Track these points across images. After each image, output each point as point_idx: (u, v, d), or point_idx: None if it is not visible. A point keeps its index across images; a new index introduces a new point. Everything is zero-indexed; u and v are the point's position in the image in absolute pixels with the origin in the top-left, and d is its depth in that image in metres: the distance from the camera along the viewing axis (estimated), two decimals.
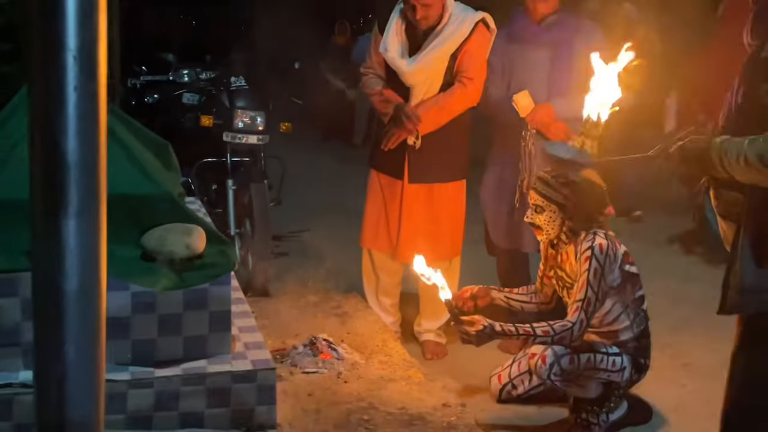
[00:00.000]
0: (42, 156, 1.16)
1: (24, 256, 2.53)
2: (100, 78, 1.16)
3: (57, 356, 1.19)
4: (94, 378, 1.23)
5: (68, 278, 1.17)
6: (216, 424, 2.63)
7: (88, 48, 1.14)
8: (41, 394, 1.22)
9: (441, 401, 2.99)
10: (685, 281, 4.92)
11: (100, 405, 1.24)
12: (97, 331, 1.22)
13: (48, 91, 1.13)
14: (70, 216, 1.16)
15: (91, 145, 1.17)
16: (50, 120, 1.14)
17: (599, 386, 3.09)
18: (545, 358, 2.99)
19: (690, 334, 4.16)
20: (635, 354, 3.11)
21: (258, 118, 4.76)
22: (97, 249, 1.20)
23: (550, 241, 3.22)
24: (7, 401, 2.44)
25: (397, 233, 3.85)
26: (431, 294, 3.96)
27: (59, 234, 1.16)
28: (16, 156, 2.66)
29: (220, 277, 2.69)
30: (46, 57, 1.12)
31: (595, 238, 3.00)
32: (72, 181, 1.16)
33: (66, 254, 1.17)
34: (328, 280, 4.39)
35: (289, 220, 5.83)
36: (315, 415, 2.83)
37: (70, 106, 1.14)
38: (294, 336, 3.51)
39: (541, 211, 3.11)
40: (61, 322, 1.18)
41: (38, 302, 1.20)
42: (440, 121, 3.71)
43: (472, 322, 2.90)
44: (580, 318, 2.92)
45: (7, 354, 2.51)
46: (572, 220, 3.08)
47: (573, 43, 3.73)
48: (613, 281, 3.02)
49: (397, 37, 3.72)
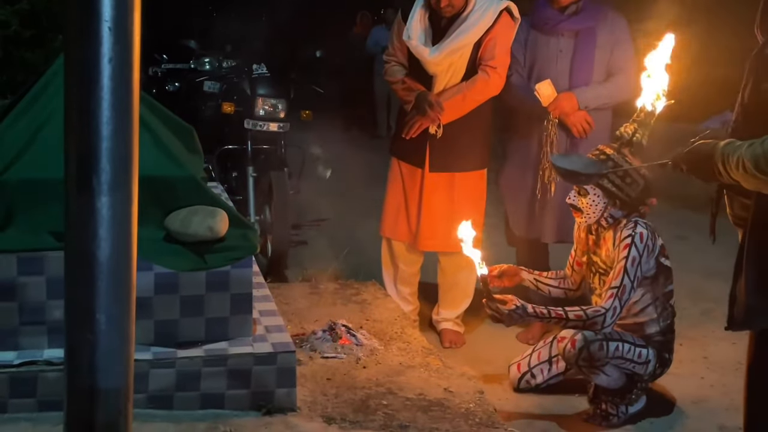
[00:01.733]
0: (77, 126, 1.18)
1: (49, 235, 2.57)
2: (134, 49, 1.17)
3: (88, 325, 1.20)
4: (124, 347, 1.24)
5: (101, 247, 1.19)
6: (236, 405, 2.65)
7: (123, 19, 1.15)
8: (72, 362, 1.23)
9: (459, 388, 2.99)
10: (705, 275, 4.89)
11: (129, 373, 1.26)
12: (127, 302, 1.24)
13: (84, 62, 1.15)
14: (104, 185, 1.18)
15: (125, 116, 1.18)
16: (86, 90, 1.15)
17: (623, 377, 3.08)
18: (575, 343, 2.98)
19: (709, 328, 4.14)
20: (660, 348, 3.11)
21: (279, 105, 4.79)
22: (128, 219, 1.21)
23: (588, 225, 3.20)
24: (32, 378, 2.47)
25: (417, 222, 3.86)
26: (450, 283, 3.97)
27: (93, 203, 1.17)
28: (42, 137, 2.69)
29: (242, 260, 2.70)
30: (83, 28, 1.13)
31: (637, 227, 2.99)
32: (106, 150, 1.17)
33: (99, 223, 1.18)
34: (347, 268, 4.40)
35: (308, 209, 5.85)
36: (334, 399, 2.84)
37: (105, 77, 1.15)
38: (313, 322, 3.52)
39: (585, 194, 3.09)
40: (93, 291, 1.20)
41: (70, 271, 1.21)
42: (463, 110, 3.70)
43: (504, 300, 2.90)
44: (613, 305, 2.91)
45: (33, 332, 2.54)
46: (615, 207, 3.06)
47: (596, 32, 3.71)
48: (648, 271, 3.01)
49: (420, 25, 3.72)
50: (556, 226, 3.80)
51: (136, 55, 1.17)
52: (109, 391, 1.23)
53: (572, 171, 2.98)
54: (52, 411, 2.46)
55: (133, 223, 1.22)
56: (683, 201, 6.24)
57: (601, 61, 3.74)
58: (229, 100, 4.99)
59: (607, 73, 3.77)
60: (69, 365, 1.24)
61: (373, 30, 10.67)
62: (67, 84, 1.17)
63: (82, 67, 1.14)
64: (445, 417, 2.76)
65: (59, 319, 2.55)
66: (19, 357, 2.50)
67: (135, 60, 1.17)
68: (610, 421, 3.15)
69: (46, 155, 2.63)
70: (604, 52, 3.73)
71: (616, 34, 3.76)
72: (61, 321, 2.52)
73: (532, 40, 3.80)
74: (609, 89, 3.73)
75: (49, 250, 2.53)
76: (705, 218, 6.11)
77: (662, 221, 5.93)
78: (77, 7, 1.13)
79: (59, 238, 2.55)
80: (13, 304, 2.52)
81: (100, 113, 1.16)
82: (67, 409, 1.25)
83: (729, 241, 2.38)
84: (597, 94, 3.71)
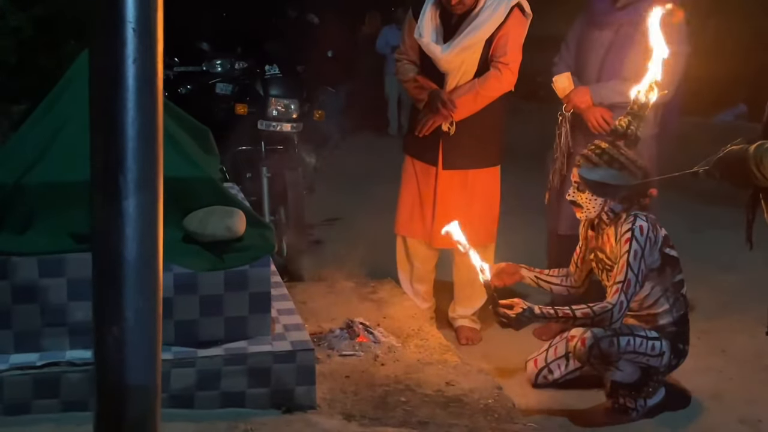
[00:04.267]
0: (102, 127, 1.19)
1: (70, 238, 2.59)
2: (158, 50, 1.18)
3: (117, 323, 1.22)
4: (152, 345, 1.26)
5: (128, 247, 1.20)
6: (256, 404, 2.66)
7: (147, 20, 1.16)
8: (101, 360, 1.25)
9: (478, 384, 3.00)
10: (720, 269, 4.88)
11: (157, 371, 1.28)
12: (154, 300, 1.25)
13: (108, 63, 1.16)
14: (130, 185, 1.19)
15: (149, 116, 1.19)
16: (110, 91, 1.17)
17: (637, 371, 3.08)
18: (584, 341, 2.99)
19: (726, 321, 4.13)
20: (674, 339, 3.10)
21: (292, 105, 4.80)
22: (155, 218, 1.23)
23: (590, 222, 3.20)
24: (55, 379, 2.49)
25: (432, 220, 3.86)
26: (465, 280, 3.97)
27: (119, 202, 1.19)
28: (60, 140, 2.71)
29: (260, 259, 2.72)
30: (107, 29, 1.15)
31: (636, 220, 2.98)
32: (131, 150, 1.19)
33: (126, 223, 1.20)
34: (362, 267, 4.41)
35: (321, 209, 5.87)
36: (353, 396, 2.86)
37: (129, 78, 1.16)
38: (330, 320, 3.54)
39: (584, 190, 3.09)
40: (121, 290, 1.21)
41: (98, 271, 1.23)
42: (475, 107, 3.71)
43: (511, 305, 2.90)
44: (620, 300, 2.91)
45: (54, 333, 2.56)
46: (614, 201, 3.06)
47: (639, 28, 3.65)
48: (652, 263, 3.00)
49: (431, 23, 3.72)
50: (570, 218, 3.79)
51: (160, 55, 1.19)
52: (137, 389, 1.25)
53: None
54: (76, 411, 2.49)
55: (159, 222, 1.23)
56: (696, 195, 6.23)
57: (637, 58, 3.67)
58: (241, 101, 5.00)
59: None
60: (98, 364, 1.25)
61: (383, 30, 10.70)
62: (91, 85, 1.18)
63: (106, 69, 1.16)
64: (464, 413, 2.77)
65: (81, 320, 2.58)
66: (42, 358, 2.53)
67: (158, 61, 1.19)
68: (629, 415, 3.14)
69: (64, 159, 2.66)
70: (642, 49, 3.67)
71: None
72: (82, 322, 2.57)
73: (581, 31, 3.80)
74: (630, 87, 3.68)
75: (69, 253, 2.56)
76: (718, 212, 6.11)
77: (675, 215, 5.94)
78: (101, 8, 1.15)
79: (79, 240, 2.58)
80: (35, 306, 2.54)
81: (125, 114, 1.17)
82: (97, 407, 1.27)
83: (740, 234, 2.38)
84: (615, 90, 3.65)
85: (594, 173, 3.04)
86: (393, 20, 10.67)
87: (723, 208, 5.97)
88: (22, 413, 2.46)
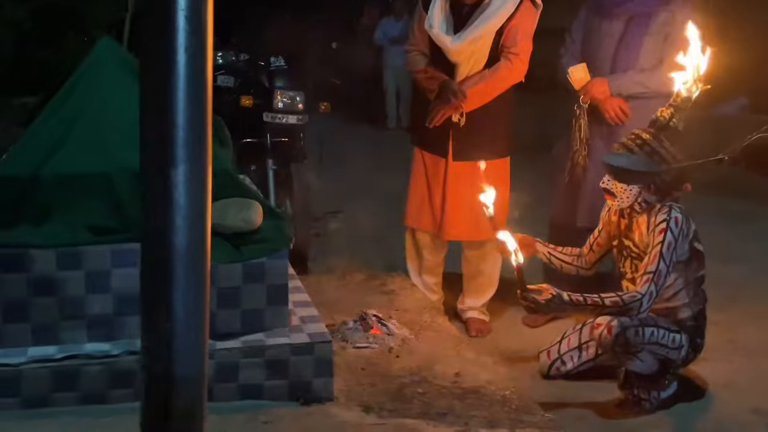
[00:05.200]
0: (153, 116, 1.18)
1: (87, 230, 2.58)
2: (208, 38, 1.17)
3: (167, 314, 1.21)
4: (200, 335, 1.25)
5: (178, 236, 1.19)
6: (274, 396, 2.66)
7: (198, 8, 1.15)
8: (150, 351, 1.24)
9: (493, 376, 3.00)
10: (725, 261, 4.88)
11: (205, 361, 1.27)
12: (203, 289, 1.24)
13: (160, 51, 1.15)
14: (180, 175, 1.18)
15: (199, 105, 1.18)
16: (162, 80, 1.16)
17: (656, 363, 3.08)
18: (611, 329, 2.97)
19: (734, 313, 4.14)
20: (693, 333, 3.11)
21: (297, 97, 4.78)
22: (204, 207, 1.22)
23: (621, 209, 3.19)
24: (74, 372, 2.49)
25: (442, 212, 3.85)
26: (475, 271, 3.97)
27: (170, 192, 1.18)
28: (75, 133, 2.70)
29: (278, 252, 2.71)
30: (159, 17, 1.14)
31: (672, 212, 2.98)
32: (181, 140, 1.18)
33: (176, 212, 1.19)
34: (370, 259, 4.41)
35: (323, 201, 5.85)
36: (370, 388, 2.86)
37: (180, 66, 1.15)
38: (342, 312, 3.53)
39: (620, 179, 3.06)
40: (171, 280, 1.20)
41: (148, 260, 1.21)
42: (486, 98, 3.70)
43: (540, 290, 2.89)
44: (650, 290, 2.91)
45: (73, 326, 2.55)
46: (650, 192, 3.04)
47: (650, 18, 3.64)
48: (681, 256, 3.01)
49: (441, 13, 3.71)
50: (589, 210, 3.78)
51: (210, 44, 1.18)
52: (186, 379, 1.24)
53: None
54: (94, 404, 2.48)
55: (208, 213, 1.22)
56: (696, 186, 6.23)
57: (651, 48, 3.63)
58: (246, 93, 4.98)
59: (659, 61, 3.68)
60: (147, 354, 1.24)
61: (381, 21, 10.65)
62: (143, 73, 1.17)
63: (158, 57, 1.15)
64: (482, 404, 2.78)
65: (98, 313, 2.57)
66: (60, 351, 2.52)
67: (208, 49, 1.18)
68: (642, 407, 3.15)
69: (80, 151, 2.65)
70: (656, 39, 3.62)
71: (675, 21, 3.60)
72: (100, 315, 2.55)
73: (588, 22, 3.78)
74: (648, 77, 3.63)
75: (87, 245, 2.54)
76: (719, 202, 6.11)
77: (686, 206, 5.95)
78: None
79: (97, 232, 2.57)
80: (53, 298, 2.54)
81: (176, 103, 1.16)
82: (145, 397, 1.26)
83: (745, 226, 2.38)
84: (633, 81, 3.64)
85: (616, 159, 3.03)
86: (391, 12, 10.64)
87: (725, 199, 6.00)
88: (41, 406, 2.45)
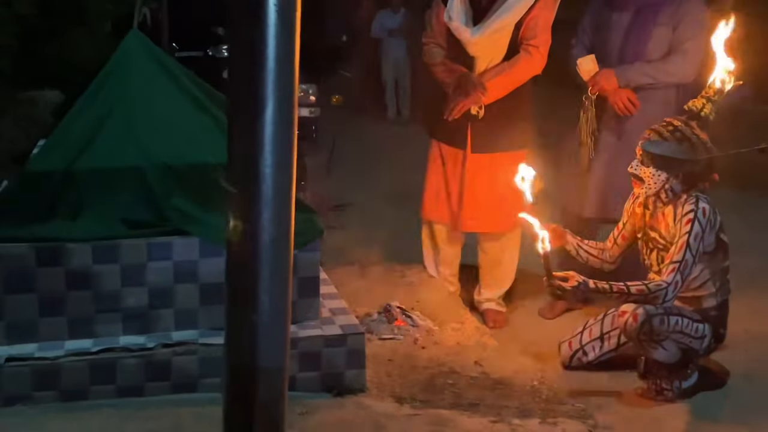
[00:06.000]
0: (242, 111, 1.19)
1: (121, 223, 2.58)
2: (296, 30, 1.18)
3: (252, 306, 1.22)
4: (284, 327, 1.26)
5: (266, 229, 1.20)
6: (308, 387, 2.68)
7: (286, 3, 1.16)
8: (234, 343, 1.25)
9: (520, 366, 3.03)
10: (734, 251, 4.91)
11: (287, 353, 1.28)
12: (286, 282, 1.25)
13: (250, 45, 1.16)
14: (267, 168, 1.19)
15: (287, 101, 1.19)
16: (252, 73, 1.16)
17: (679, 352, 3.11)
18: (637, 317, 2.99)
19: (746, 302, 4.16)
20: (716, 323, 3.13)
21: (309, 90, 4.80)
22: (289, 200, 1.23)
23: (644, 200, 3.20)
24: (111, 365, 2.49)
25: (459, 203, 3.86)
26: (492, 263, 3.99)
27: (259, 186, 1.19)
28: (108, 127, 2.70)
29: (309, 244, 2.72)
30: (251, 11, 1.15)
31: (699, 202, 2.99)
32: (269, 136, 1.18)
33: (263, 206, 1.20)
34: (386, 252, 4.42)
35: (330, 194, 5.86)
36: (400, 379, 2.87)
37: (270, 59, 1.16)
38: (365, 304, 3.55)
39: (648, 164, 3.07)
40: (258, 273, 1.21)
41: (235, 253, 1.22)
42: (505, 90, 3.70)
43: (566, 278, 2.91)
44: (675, 279, 2.93)
45: (109, 319, 2.56)
46: (677, 179, 3.05)
47: (659, 9, 3.66)
48: (708, 246, 3.03)
49: (461, 6, 3.71)
50: (598, 202, 3.81)
51: (297, 36, 1.19)
52: (269, 371, 1.25)
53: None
54: (132, 396, 2.49)
55: (291, 206, 1.23)
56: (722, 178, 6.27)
57: (660, 38, 3.67)
58: None
59: (668, 51, 3.73)
60: (231, 346, 1.25)
61: (378, 14, 10.62)
62: (232, 66, 1.18)
63: (249, 48, 1.15)
64: (513, 394, 2.80)
65: (134, 306, 2.58)
66: (96, 344, 2.53)
67: (296, 41, 1.19)
68: (665, 396, 3.17)
69: (113, 145, 2.65)
70: (665, 30, 3.66)
71: (683, 12, 3.65)
72: (135, 308, 2.56)
73: (597, 13, 3.80)
74: (656, 68, 3.67)
75: (122, 239, 2.55)
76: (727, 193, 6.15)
77: None
78: None
79: (131, 225, 2.57)
80: (89, 292, 2.54)
81: (266, 97, 1.17)
82: (228, 389, 1.27)
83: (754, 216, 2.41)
84: (641, 72, 3.67)
85: (656, 146, 3.04)
86: (387, 4, 10.60)
87: (731, 190, 6.04)
88: (80, 399, 2.45)
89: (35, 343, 2.51)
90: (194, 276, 2.60)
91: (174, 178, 2.64)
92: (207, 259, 2.59)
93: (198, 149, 2.68)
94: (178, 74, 2.88)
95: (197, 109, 2.80)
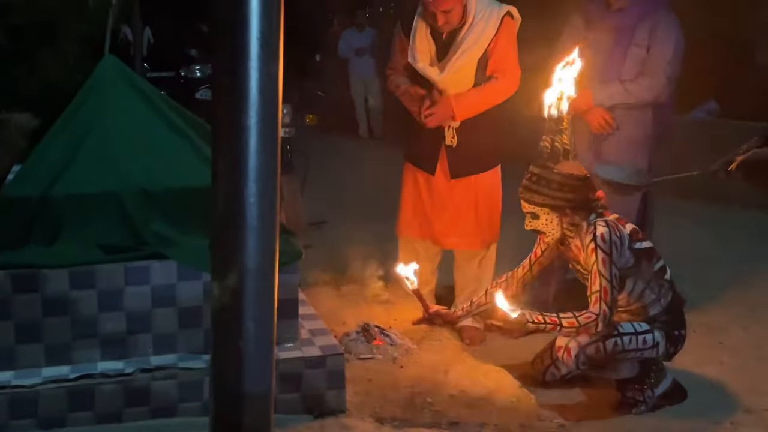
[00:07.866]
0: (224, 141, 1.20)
1: (99, 249, 2.57)
2: (279, 63, 1.20)
3: (238, 333, 1.23)
4: (269, 352, 1.27)
5: (250, 256, 1.21)
6: (288, 409, 2.67)
7: (269, 33, 1.18)
8: (220, 369, 1.26)
9: (498, 383, 3.05)
10: (705, 263, 5.00)
11: (272, 378, 1.29)
12: (272, 307, 1.26)
13: (233, 75, 1.17)
14: (251, 197, 1.20)
15: (270, 127, 1.20)
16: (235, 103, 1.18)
17: (635, 365, 3.11)
18: (570, 351, 3.01)
19: (719, 314, 4.24)
20: (669, 327, 3.13)
21: (284, 110, 4.80)
22: (273, 223, 1.24)
23: (558, 240, 3.20)
24: (89, 391, 2.47)
25: (435, 222, 3.89)
26: (467, 279, 4.01)
27: (242, 210, 1.20)
28: (84, 151, 2.69)
29: (287, 266, 2.73)
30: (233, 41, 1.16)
31: (596, 228, 2.98)
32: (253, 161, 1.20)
33: (248, 230, 1.21)
34: (361, 270, 4.42)
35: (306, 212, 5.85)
36: (379, 399, 2.88)
37: (252, 87, 1.18)
38: (341, 324, 3.55)
39: (536, 217, 3.10)
40: (243, 299, 1.22)
41: (219, 277, 1.23)
42: (477, 108, 3.73)
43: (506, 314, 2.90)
44: (602, 309, 2.93)
45: (86, 345, 2.54)
46: (567, 216, 3.07)
47: (635, 30, 3.72)
48: (626, 263, 3.02)
49: (425, 43, 3.73)
50: None
51: (280, 67, 1.21)
52: (256, 396, 1.26)
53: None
54: (111, 423, 2.47)
55: (276, 233, 1.25)
56: (672, 189, 6.35)
57: (635, 58, 3.73)
58: None
59: (639, 71, 3.78)
60: (216, 373, 1.26)
61: (344, 33, 10.63)
62: (215, 95, 1.19)
63: (232, 79, 1.17)
64: (492, 412, 2.82)
65: (112, 331, 2.56)
66: (74, 371, 2.51)
67: (279, 72, 1.20)
68: (638, 407, 3.20)
69: (89, 169, 2.64)
70: (639, 50, 3.73)
71: (658, 32, 3.73)
72: (113, 333, 2.55)
73: (576, 35, 3.85)
74: (629, 88, 3.74)
75: (99, 263, 2.54)
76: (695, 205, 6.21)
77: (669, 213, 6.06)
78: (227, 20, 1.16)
79: (109, 250, 2.56)
80: (66, 318, 2.52)
81: (249, 125, 1.18)
82: (214, 415, 1.27)
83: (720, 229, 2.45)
84: (614, 91, 3.74)
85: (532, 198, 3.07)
86: (353, 23, 10.63)
87: (700, 203, 6.14)
88: (58, 427, 2.43)
89: (11, 371, 2.48)
90: (172, 300, 2.60)
91: (151, 201, 2.63)
92: (185, 283, 2.59)
93: (174, 172, 2.68)
94: (153, 98, 2.88)
95: (173, 132, 2.80)
